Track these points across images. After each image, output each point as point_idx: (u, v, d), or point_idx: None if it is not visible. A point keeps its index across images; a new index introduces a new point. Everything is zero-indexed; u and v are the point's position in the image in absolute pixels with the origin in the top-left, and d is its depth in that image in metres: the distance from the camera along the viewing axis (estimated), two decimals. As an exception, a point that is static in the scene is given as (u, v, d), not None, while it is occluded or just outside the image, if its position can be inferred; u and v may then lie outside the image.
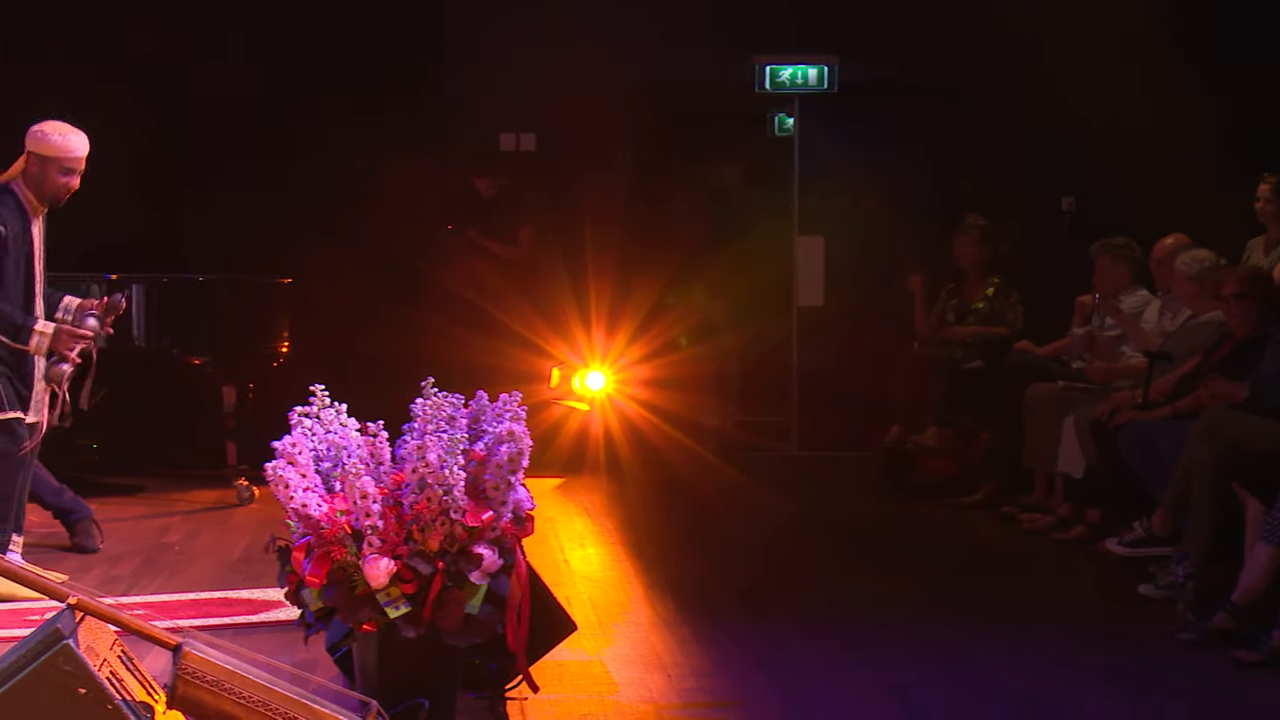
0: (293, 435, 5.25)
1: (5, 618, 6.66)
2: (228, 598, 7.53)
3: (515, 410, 5.43)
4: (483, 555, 5.09)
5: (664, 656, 6.56)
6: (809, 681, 6.26)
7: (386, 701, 4.85)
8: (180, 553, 8.70)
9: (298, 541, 5.20)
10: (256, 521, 9.40)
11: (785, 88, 12.68)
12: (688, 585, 7.98)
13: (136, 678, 4.67)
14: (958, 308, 10.93)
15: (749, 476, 11.27)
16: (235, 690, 4.46)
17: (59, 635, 4.28)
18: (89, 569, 8.09)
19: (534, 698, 5.72)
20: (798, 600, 7.78)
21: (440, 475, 5.05)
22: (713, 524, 9.87)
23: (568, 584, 7.80)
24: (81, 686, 4.25)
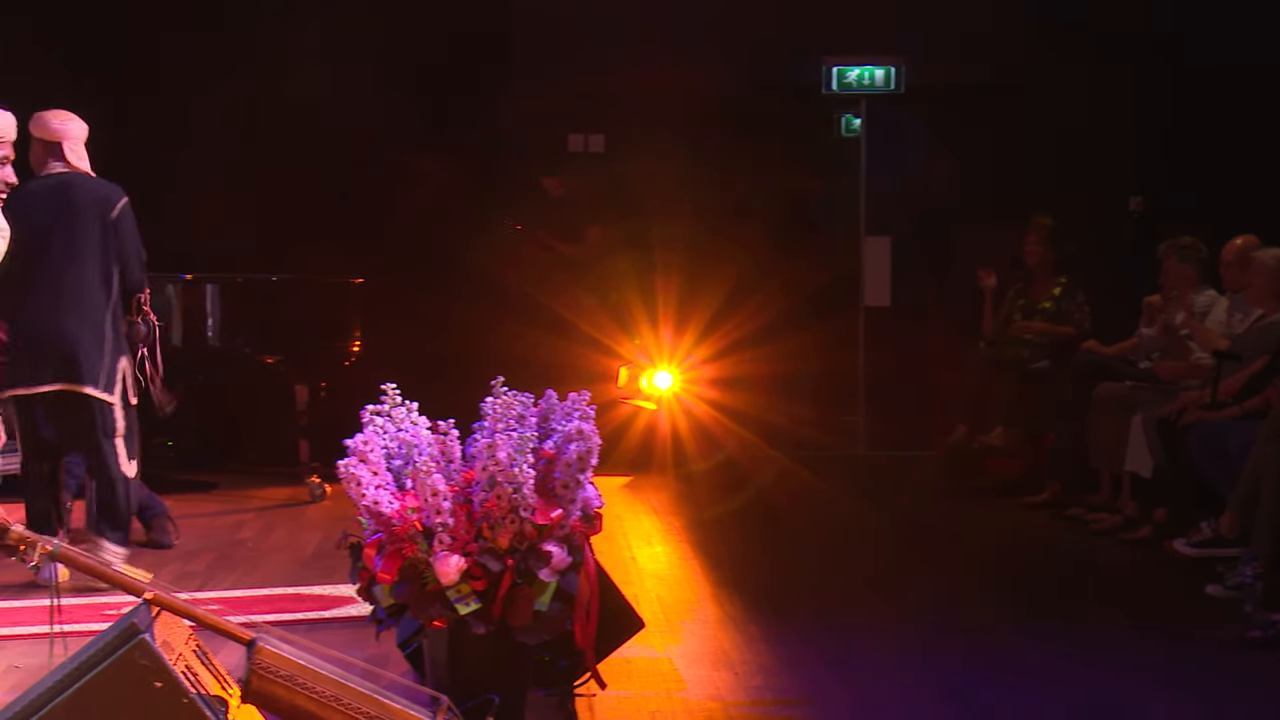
0: (364, 433, 5.27)
1: (82, 612, 6.71)
2: (300, 593, 7.57)
3: (584, 409, 5.43)
4: (552, 553, 5.09)
5: (731, 654, 6.55)
6: (876, 680, 6.23)
7: (457, 697, 4.86)
8: (253, 549, 8.75)
9: (369, 538, 5.22)
10: (328, 518, 9.44)
11: (852, 89, 12.65)
12: (755, 583, 7.96)
13: (211, 672, 4.69)
14: (1025, 308, 10.88)
15: (816, 475, 11.25)
16: (308, 685, 4.47)
17: (135, 630, 4.31)
18: (164, 564, 8.14)
19: (602, 694, 5.72)
20: (865, 599, 7.75)
21: (510, 473, 5.05)
22: (780, 523, 9.85)
23: (635, 582, 7.80)
24: (157, 680, 4.28)
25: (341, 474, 5.15)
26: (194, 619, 4.65)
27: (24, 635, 6.64)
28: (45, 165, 7.95)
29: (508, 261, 11.81)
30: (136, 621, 4.34)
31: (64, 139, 7.94)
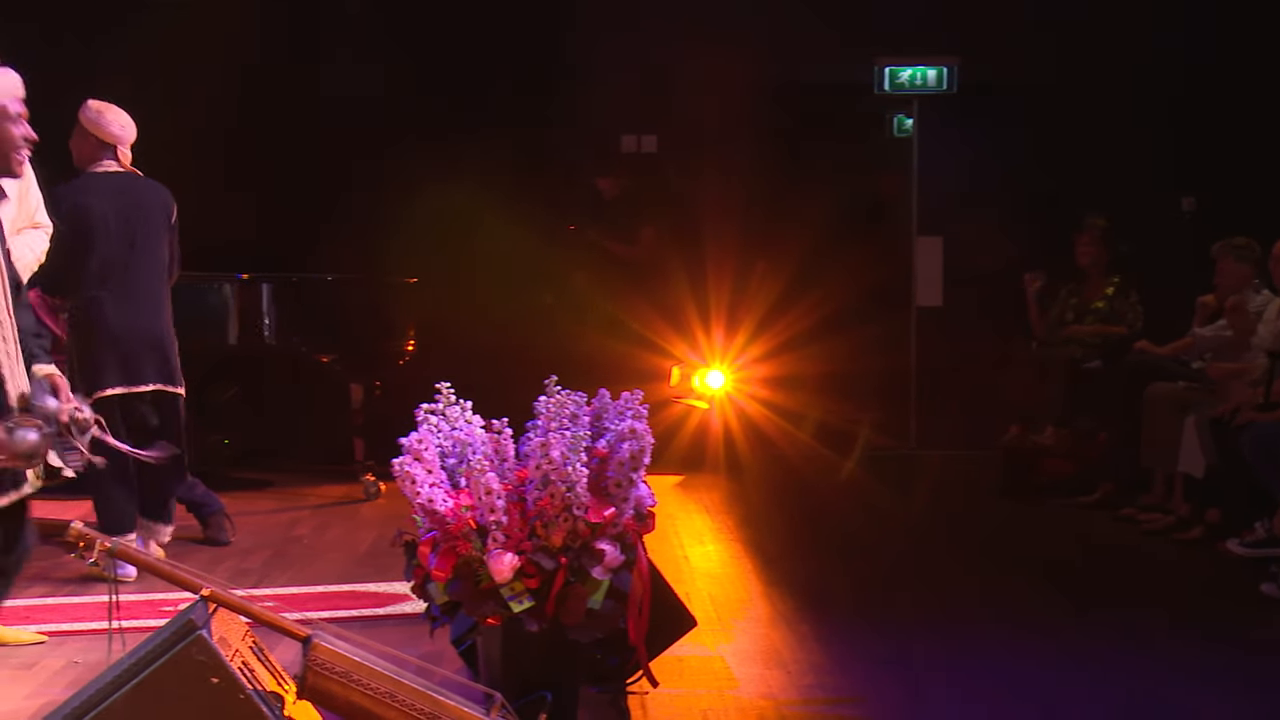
0: (419, 432, 5.28)
1: (141, 608, 6.75)
2: (355, 591, 7.59)
3: (637, 408, 5.44)
4: (605, 551, 5.10)
5: (783, 653, 6.55)
6: (928, 679, 6.22)
7: (510, 694, 4.87)
8: (309, 546, 8.79)
9: (424, 536, 5.24)
10: (383, 516, 9.47)
11: (905, 89, 12.62)
12: (807, 582, 7.95)
13: (267, 668, 4.71)
14: (1077, 307, 10.83)
15: (868, 474, 11.23)
16: (363, 681, 4.49)
17: (193, 626, 4.33)
18: (221, 561, 8.19)
19: (655, 692, 5.72)
20: (917, 598, 7.73)
21: (563, 472, 5.06)
22: (832, 522, 9.83)
23: (687, 580, 7.80)
24: (214, 676, 4.30)
25: (396, 472, 5.17)
26: (251, 615, 4.67)
27: (83, 631, 6.69)
28: (97, 162, 7.98)
29: (561, 262, 11.83)
30: (194, 618, 4.36)
31: (120, 143, 8.00)
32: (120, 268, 7.93)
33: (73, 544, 4.62)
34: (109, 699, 4.32)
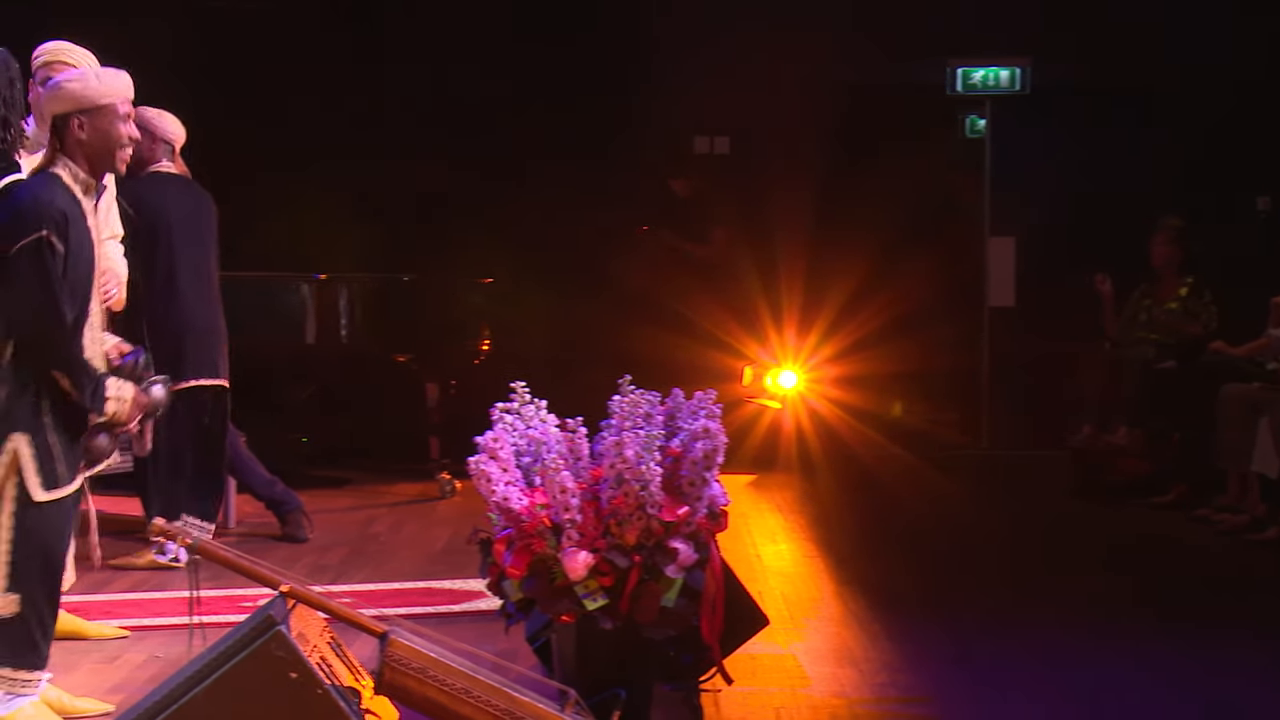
0: (494, 431, 5.30)
1: (220, 604, 6.79)
2: (430, 588, 7.62)
3: (710, 407, 5.44)
4: (678, 549, 5.10)
5: (855, 652, 6.53)
6: (1000, 679, 6.19)
7: (584, 691, 4.88)
8: (385, 544, 8.83)
9: (499, 534, 5.25)
10: (458, 514, 9.51)
11: (977, 89, 12.57)
12: (879, 581, 7.93)
13: (345, 664, 4.75)
14: (1151, 308, 10.75)
15: (940, 474, 11.18)
16: (439, 677, 4.51)
17: (272, 621, 4.36)
18: (299, 558, 8.23)
19: (727, 690, 5.72)
20: (989, 598, 7.70)
21: (637, 471, 5.06)
22: (904, 521, 9.80)
23: (760, 579, 7.79)
24: (293, 671, 4.33)
25: (472, 471, 5.19)
26: (329, 612, 4.71)
27: (164, 626, 6.75)
28: (157, 161, 8.06)
29: (634, 262, 11.84)
30: (273, 614, 4.40)
31: (177, 142, 8.11)
32: (195, 265, 8.09)
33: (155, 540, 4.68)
34: (189, 693, 4.36)
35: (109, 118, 5.22)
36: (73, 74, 5.40)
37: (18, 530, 5.12)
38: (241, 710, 4.34)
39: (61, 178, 5.19)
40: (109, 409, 5.18)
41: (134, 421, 5.27)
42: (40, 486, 5.12)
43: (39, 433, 5.11)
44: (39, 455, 5.11)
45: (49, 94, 5.30)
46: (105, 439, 5.26)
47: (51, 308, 5.06)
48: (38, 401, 5.12)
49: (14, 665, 5.20)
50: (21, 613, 5.16)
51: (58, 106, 5.24)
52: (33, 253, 5.04)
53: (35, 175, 5.24)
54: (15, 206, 5.14)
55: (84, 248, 5.18)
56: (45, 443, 5.12)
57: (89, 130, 5.21)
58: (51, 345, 5.09)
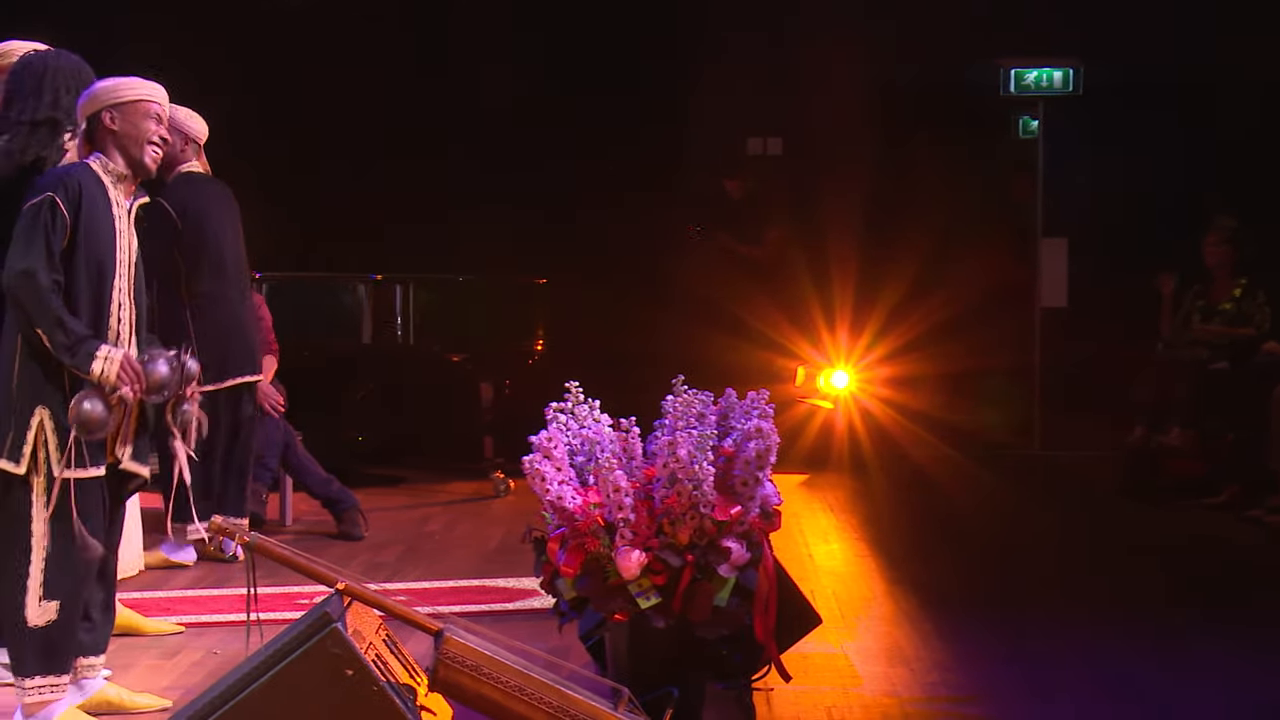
0: (548, 430, 5.31)
1: (278, 601, 6.83)
2: (485, 586, 7.64)
3: (763, 407, 5.44)
4: (731, 549, 5.10)
5: (907, 651, 6.51)
6: (1052, 679, 6.15)
7: (637, 689, 4.88)
8: (440, 542, 8.85)
9: (553, 533, 5.26)
10: (512, 513, 9.52)
11: (1030, 90, 12.51)
12: (931, 581, 7.90)
13: (400, 661, 4.76)
14: (1204, 309, 10.68)
15: (992, 475, 11.14)
16: (494, 675, 4.52)
17: (328, 619, 4.38)
18: (354, 556, 8.26)
19: (780, 688, 5.71)
20: (1041, 598, 7.66)
21: (690, 470, 5.06)
22: (956, 521, 9.76)
23: (812, 578, 7.77)
24: (349, 668, 4.34)
25: (526, 470, 5.19)
26: (384, 609, 4.72)
27: (222, 623, 6.78)
28: (185, 161, 8.09)
29: (688, 263, 11.84)
30: (329, 611, 4.41)
31: (202, 140, 8.16)
32: (236, 262, 8.14)
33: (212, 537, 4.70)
34: (247, 689, 4.38)
35: (139, 113, 5.35)
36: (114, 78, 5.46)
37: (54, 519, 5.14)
38: (298, 706, 4.36)
39: (91, 165, 5.31)
40: (94, 368, 5.10)
41: (131, 390, 5.17)
42: (59, 462, 5.13)
43: (60, 407, 5.14)
44: (59, 431, 5.13)
45: (85, 98, 5.41)
46: (91, 404, 5.09)
47: (34, 261, 5.09)
48: (58, 377, 5.17)
49: (27, 673, 5.22)
50: (60, 619, 5.19)
51: (90, 106, 5.37)
52: (33, 212, 5.15)
53: (68, 164, 5.36)
54: (38, 181, 5.29)
55: (101, 227, 5.23)
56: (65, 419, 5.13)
57: (119, 122, 5.33)
58: (30, 299, 5.10)
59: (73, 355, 5.11)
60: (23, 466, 5.12)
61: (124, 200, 5.35)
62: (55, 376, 5.15)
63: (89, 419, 5.11)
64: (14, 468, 5.13)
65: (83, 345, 5.11)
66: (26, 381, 5.16)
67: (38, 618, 5.15)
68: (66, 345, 5.10)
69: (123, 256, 5.32)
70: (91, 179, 5.26)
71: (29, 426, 5.12)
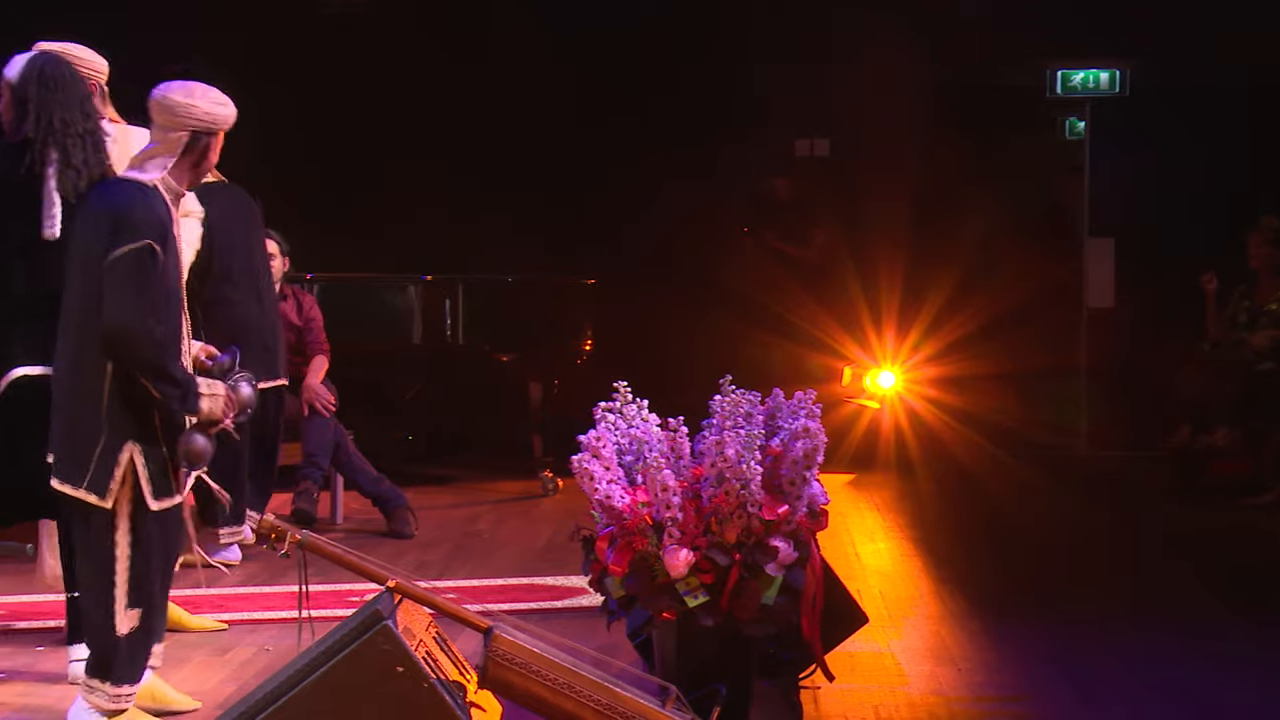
0: (597, 429, 5.30)
1: (329, 599, 6.84)
2: (533, 584, 7.64)
3: (810, 407, 5.42)
4: (778, 548, 5.08)
5: (953, 650, 6.49)
6: (1099, 679, 6.13)
7: (685, 686, 4.87)
8: (488, 540, 8.86)
9: (601, 531, 5.26)
10: (560, 512, 9.53)
11: (1076, 92, 12.46)
12: (977, 580, 7.88)
13: (450, 658, 4.76)
14: (1249, 309, 10.61)
15: (1038, 475, 11.09)
16: (542, 672, 4.52)
17: (379, 616, 4.39)
18: (404, 554, 8.28)
19: (826, 687, 5.70)
20: (1087, 598, 7.62)
21: (738, 470, 5.05)
22: (1002, 521, 9.72)
23: (858, 577, 7.75)
24: (399, 665, 4.35)
25: (575, 469, 5.19)
26: (434, 607, 4.72)
27: (274, 620, 6.81)
28: None
29: (736, 264, 11.83)
30: (380, 608, 4.42)
31: None
32: (241, 268, 8.08)
33: (264, 536, 4.72)
34: (298, 686, 4.39)
35: (216, 143, 5.26)
36: (209, 94, 5.26)
37: (135, 543, 5.16)
38: (349, 703, 4.36)
39: (159, 189, 5.17)
40: (204, 406, 5.10)
41: (229, 419, 5.21)
42: (152, 496, 5.13)
43: (151, 443, 5.13)
44: (150, 465, 5.12)
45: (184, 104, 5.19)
46: (202, 440, 5.16)
47: (145, 316, 5.00)
48: (148, 412, 5.13)
49: (117, 681, 5.23)
50: (141, 625, 5.21)
51: (195, 123, 5.19)
52: (133, 261, 5.01)
53: (133, 184, 5.18)
54: (118, 214, 5.09)
55: (174, 258, 5.17)
56: (157, 453, 5.14)
57: (213, 151, 5.25)
58: (141, 353, 5.03)
59: (184, 403, 5.09)
60: (109, 501, 5.09)
61: (176, 214, 5.29)
62: (145, 414, 5.13)
63: (199, 454, 5.15)
64: (98, 500, 5.10)
65: (191, 391, 5.09)
66: (117, 419, 5.11)
67: (124, 626, 5.19)
68: (179, 396, 5.07)
69: (184, 276, 5.32)
70: (164, 209, 5.15)
71: (118, 463, 5.09)
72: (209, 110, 5.20)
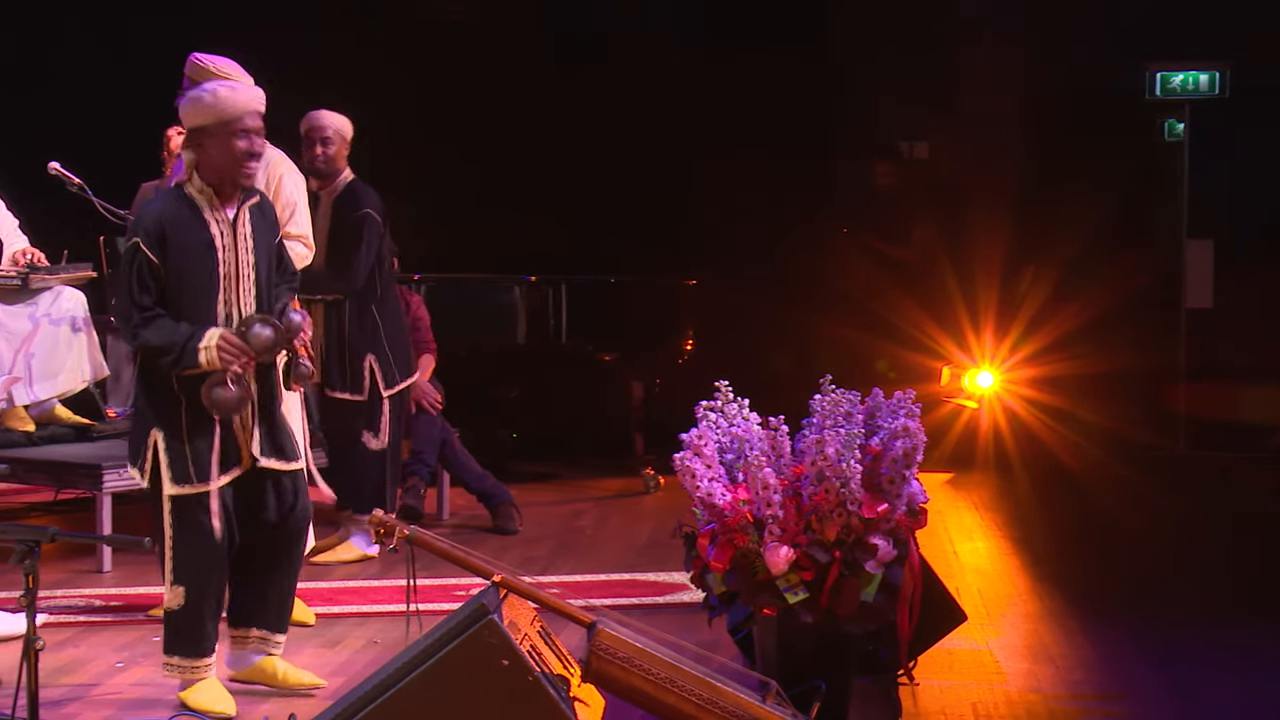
0: (698, 428, 5.31)
1: (436, 593, 6.89)
2: (635, 580, 7.65)
3: (910, 406, 5.40)
4: (878, 545, 5.07)
5: (1052, 648, 6.44)
6: (1199, 679, 6.05)
7: (785, 682, 4.87)
8: (591, 536, 8.88)
9: (703, 529, 5.26)
10: (661, 509, 9.53)
11: (1176, 94, 12.32)
12: (1075, 579, 7.81)
13: (554, 652, 4.78)
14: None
15: (1137, 475, 10.97)
16: (645, 667, 4.53)
17: (484, 610, 4.41)
18: (508, 550, 8.31)
19: (925, 684, 5.67)
20: (1188, 598, 7.54)
21: (838, 468, 5.04)
22: (1101, 521, 9.63)
23: (956, 575, 7.71)
24: (504, 658, 4.37)
25: (677, 466, 5.20)
26: (539, 601, 4.74)
27: (383, 613, 6.86)
28: (344, 166, 8.03)
29: (835, 264, 11.80)
30: (486, 603, 4.44)
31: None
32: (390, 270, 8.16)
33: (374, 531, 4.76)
34: (406, 678, 4.43)
35: (226, 135, 5.41)
36: (199, 91, 5.51)
37: (170, 524, 5.41)
38: (455, 694, 4.39)
39: (186, 190, 5.49)
40: (201, 360, 5.31)
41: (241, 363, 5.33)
42: (170, 481, 5.39)
43: (172, 430, 5.39)
44: (169, 451, 5.39)
45: (182, 109, 5.55)
46: (220, 390, 5.31)
47: (125, 303, 5.39)
48: (175, 401, 5.41)
49: (183, 655, 5.48)
50: (187, 604, 5.42)
51: (187, 121, 5.50)
52: (126, 257, 5.45)
53: (156, 190, 5.59)
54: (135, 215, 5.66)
55: (197, 259, 5.41)
56: (178, 441, 5.38)
57: (210, 147, 5.43)
58: (125, 334, 5.46)
59: (179, 364, 5.35)
60: (145, 480, 5.47)
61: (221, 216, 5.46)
62: (166, 402, 5.42)
63: (223, 401, 5.36)
64: (140, 479, 5.49)
65: (184, 351, 5.32)
66: (143, 406, 5.50)
67: (169, 601, 5.46)
68: (172, 361, 5.34)
69: (225, 274, 5.46)
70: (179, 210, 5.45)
71: (147, 446, 5.44)
72: (208, 106, 5.42)
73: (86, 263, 8.48)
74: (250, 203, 5.54)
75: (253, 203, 5.55)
